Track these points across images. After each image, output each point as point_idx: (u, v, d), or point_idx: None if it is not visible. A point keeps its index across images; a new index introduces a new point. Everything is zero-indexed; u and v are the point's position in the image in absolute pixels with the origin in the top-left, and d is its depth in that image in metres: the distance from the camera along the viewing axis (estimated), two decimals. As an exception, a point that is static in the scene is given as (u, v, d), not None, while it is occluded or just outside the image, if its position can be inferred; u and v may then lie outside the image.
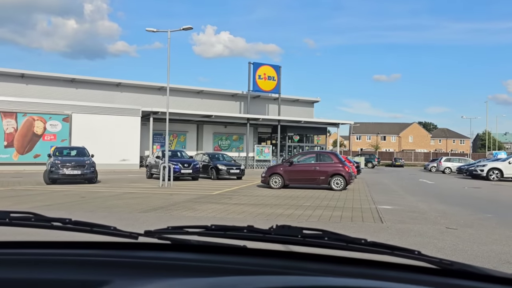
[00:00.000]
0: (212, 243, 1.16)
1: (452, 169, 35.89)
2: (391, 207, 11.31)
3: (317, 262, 1.06)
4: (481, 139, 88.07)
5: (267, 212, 9.93)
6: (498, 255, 5.88)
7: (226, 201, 12.04)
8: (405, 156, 65.77)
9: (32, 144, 27.59)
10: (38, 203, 11.03)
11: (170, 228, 1.20)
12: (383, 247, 1.02)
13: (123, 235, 1.17)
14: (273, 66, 40.05)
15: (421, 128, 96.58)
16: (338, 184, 15.87)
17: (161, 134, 31.99)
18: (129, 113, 30.83)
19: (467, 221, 9.07)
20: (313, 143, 42.16)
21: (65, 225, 1.16)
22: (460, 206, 11.97)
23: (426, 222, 8.72)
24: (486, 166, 25.64)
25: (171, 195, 13.19)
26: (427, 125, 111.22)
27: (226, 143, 39.36)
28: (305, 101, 44.53)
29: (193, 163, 20.88)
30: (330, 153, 18.02)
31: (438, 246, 6.40)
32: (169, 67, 18.27)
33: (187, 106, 36.31)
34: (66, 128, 28.49)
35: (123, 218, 8.63)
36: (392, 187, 18.79)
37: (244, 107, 39.96)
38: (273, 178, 16.53)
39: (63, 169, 16.78)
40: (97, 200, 11.72)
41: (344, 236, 1.06)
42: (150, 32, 19.21)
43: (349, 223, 8.57)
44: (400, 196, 14.56)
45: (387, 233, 7.47)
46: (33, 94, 30.71)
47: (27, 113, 27.58)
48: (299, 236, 1.07)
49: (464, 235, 7.40)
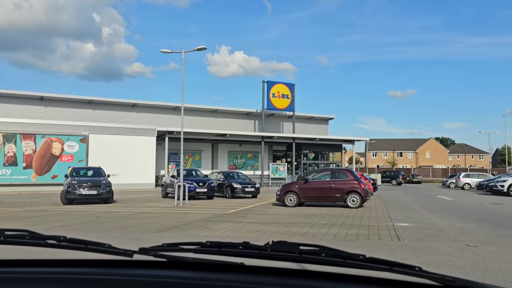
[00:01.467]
0: (209, 260, 1.13)
1: (472, 185, 35.18)
2: (409, 224, 11.09)
3: (315, 280, 1.02)
4: (500, 154, 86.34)
5: (281, 230, 9.82)
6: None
7: (241, 219, 11.97)
8: (422, 172, 64.82)
9: (50, 165, 28.01)
10: (53, 223, 11.12)
11: (165, 245, 1.18)
12: (382, 263, 0.98)
13: (118, 253, 1.15)
14: (287, 84, 40.19)
15: (438, 144, 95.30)
16: (354, 201, 15.67)
17: (176, 154, 32.16)
18: (144, 133, 31.16)
19: (487, 238, 8.82)
20: (329, 160, 41.86)
21: (59, 242, 1.15)
22: (480, 223, 11.67)
23: (445, 240, 8.51)
24: (507, 181, 25.08)
25: (186, 214, 13.17)
26: (445, 140, 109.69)
27: (241, 161, 39.35)
28: (319, 118, 44.44)
29: (208, 182, 20.89)
30: (345, 170, 17.86)
31: (458, 264, 6.22)
32: (183, 87, 18.48)
33: (202, 125, 36.57)
34: (83, 149, 28.89)
35: (137, 238, 8.62)
36: (409, 204, 18.46)
37: (259, 126, 40.05)
38: (288, 196, 16.40)
39: (79, 189, 16.95)
40: (112, 220, 11.77)
41: (342, 252, 1.02)
42: (165, 53, 19.53)
43: (365, 241, 8.41)
44: (418, 213, 14.28)
45: (404, 251, 7.30)
46: (52, 116, 31.33)
47: (45, 134, 28.09)
48: (295, 253, 1.03)
49: (485, 252, 7.18)
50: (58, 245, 1.14)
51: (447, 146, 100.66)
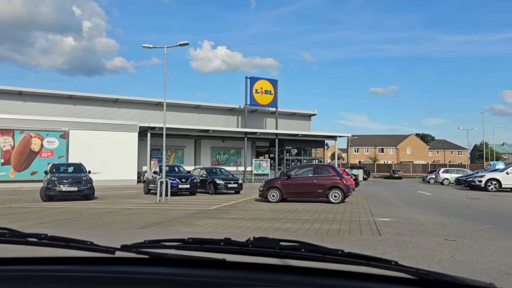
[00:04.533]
0: (191, 257, 1.14)
1: (451, 180, 35.87)
2: (389, 219, 11.26)
3: (294, 275, 1.04)
4: (479, 150, 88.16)
5: (264, 226, 9.87)
6: (497, 266, 5.83)
7: (224, 215, 11.97)
8: (403, 168, 65.68)
9: (29, 161, 27.49)
10: (34, 221, 10.94)
11: (147, 242, 1.18)
12: (359, 258, 1.01)
13: (100, 250, 1.15)
14: (269, 80, 40.22)
15: (419, 140, 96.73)
16: (336, 197, 15.81)
17: (158, 150, 31.92)
18: (126, 128, 30.82)
19: (465, 232, 9.02)
20: (311, 156, 42.14)
21: (40, 240, 1.14)
22: (458, 217, 11.92)
23: (424, 234, 8.67)
24: (484, 177, 25.63)
25: (168, 211, 13.11)
26: (425, 136, 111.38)
27: (224, 157, 39.29)
28: (302, 115, 44.64)
29: (190, 178, 20.80)
30: (327, 166, 17.99)
31: (436, 258, 6.35)
32: (165, 82, 18.33)
33: (184, 121, 36.36)
34: (63, 145, 28.43)
35: (119, 235, 8.57)
36: (390, 199, 18.73)
37: (242, 122, 40.02)
38: (270, 192, 16.46)
39: (59, 185, 16.70)
40: (93, 217, 11.64)
41: (321, 247, 1.04)
42: (147, 48, 19.34)
43: (347, 236, 8.52)
44: (399, 208, 14.50)
45: (385, 245, 7.42)
46: (31, 111, 30.73)
47: (24, 130, 27.54)
48: (276, 248, 1.05)
49: (463, 246, 7.35)
50: (39, 243, 1.14)
51: (427, 142, 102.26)
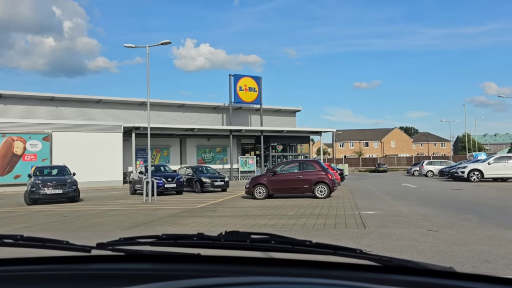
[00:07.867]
0: (166, 252, 1.17)
1: (434, 172, 36.39)
2: (374, 212, 11.40)
3: (265, 266, 1.08)
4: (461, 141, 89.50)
5: (251, 223, 9.91)
6: (477, 255, 5.96)
7: (210, 214, 11.99)
8: (388, 161, 66.42)
9: (12, 165, 27.08)
10: (18, 225, 10.81)
11: (122, 240, 1.21)
12: (326, 247, 1.05)
13: (76, 249, 1.17)
14: (253, 77, 40.25)
15: (403, 133, 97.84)
16: (322, 192, 15.94)
17: (144, 149, 31.71)
18: (110, 129, 30.55)
19: (448, 222, 9.19)
20: (297, 152, 42.32)
21: (16, 241, 1.16)
22: (441, 208, 12.12)
23: (408, 226, 8.81)
24: (467, 168, 26.07)
25: (154, 211, 13.07)
26: (408, 129, 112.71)
27: (210, 155, 39.24)
28: (287, 111, 44.79)
29: (176, 177, 20.74)
30: (313, 161, 18.11)
31: (419, 248, 6.47)
32: (148, 82, 18.23)
33: (169, 120, 36.20)
34: (46, 148, 28.07)
35: (105, 237, 8.50)
36: (375, 193, 18.94)
37: (227, 119, 39.99)
38: (257, 189, 16.52)
39: (44, 188, 16.50)
40: (79, 219, 11.55)
41: (290, 239, 1.08)
42: (129, 48, 19.19)
43: (332, 230, 8.61)
44: (384, 201, 14.68)
45: (370, 238, 7.52)
46: (12, 114, 30.26)
47: (6, 133, 27.11)
48: (247, 241, 1.09)
49: (445, 236, 7.49)
50: (15, 244, 1.15)
51: (411, 135, 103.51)
